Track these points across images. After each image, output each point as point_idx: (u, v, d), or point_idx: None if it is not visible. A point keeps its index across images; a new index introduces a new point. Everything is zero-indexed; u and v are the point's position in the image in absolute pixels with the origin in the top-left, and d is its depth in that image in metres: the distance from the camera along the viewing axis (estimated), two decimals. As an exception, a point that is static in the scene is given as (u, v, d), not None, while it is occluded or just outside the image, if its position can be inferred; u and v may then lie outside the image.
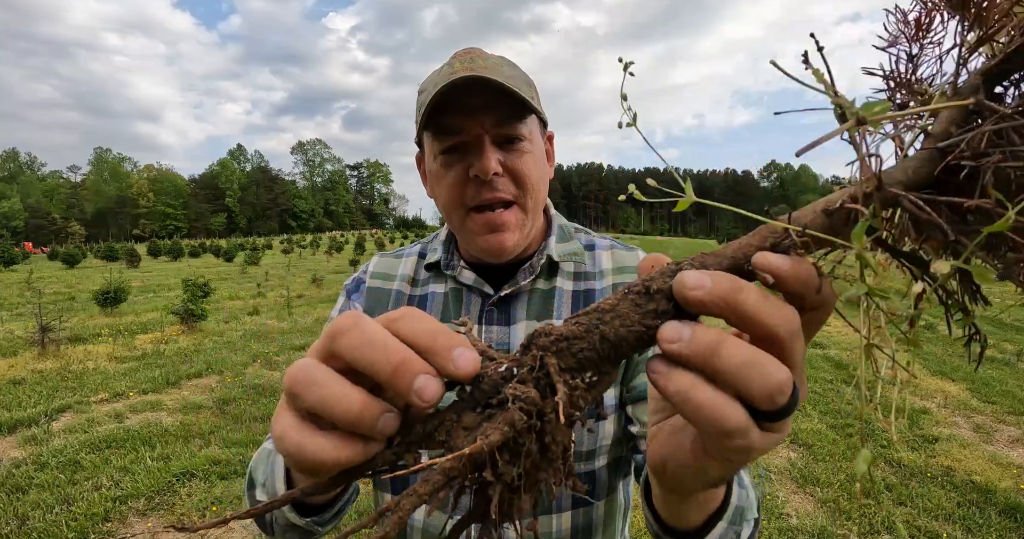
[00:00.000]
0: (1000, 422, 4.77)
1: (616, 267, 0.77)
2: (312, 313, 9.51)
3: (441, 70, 0.67)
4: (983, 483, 3.55)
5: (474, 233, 0.68)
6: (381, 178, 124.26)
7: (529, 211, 0.70)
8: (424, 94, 0.68)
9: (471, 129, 0.64)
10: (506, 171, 0.66)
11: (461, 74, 0.62)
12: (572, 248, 0.78)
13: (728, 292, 0.25)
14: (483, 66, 0.64)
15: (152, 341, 7.08)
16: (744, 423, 0.26)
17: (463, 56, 0.69)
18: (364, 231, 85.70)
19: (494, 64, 0.66)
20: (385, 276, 0.80)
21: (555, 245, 0.76)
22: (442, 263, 0.77)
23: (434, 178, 0.70)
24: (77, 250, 22.44)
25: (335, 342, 0.28)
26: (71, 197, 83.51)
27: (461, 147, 0.66)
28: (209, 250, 31.26)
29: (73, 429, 4.13)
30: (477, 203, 0.66)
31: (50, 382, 5.26)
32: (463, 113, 0.62)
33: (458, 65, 0.65)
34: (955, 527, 3.04)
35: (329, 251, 30.64)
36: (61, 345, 6.47)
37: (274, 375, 5.67)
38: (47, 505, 3.01)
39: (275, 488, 0.48)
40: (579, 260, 0.77)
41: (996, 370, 6.63)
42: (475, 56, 0.68)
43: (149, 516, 2.99)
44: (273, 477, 0.49)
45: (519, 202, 0.68)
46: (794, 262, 0.26)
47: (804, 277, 0.26)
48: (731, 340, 0.26)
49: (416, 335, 0.28)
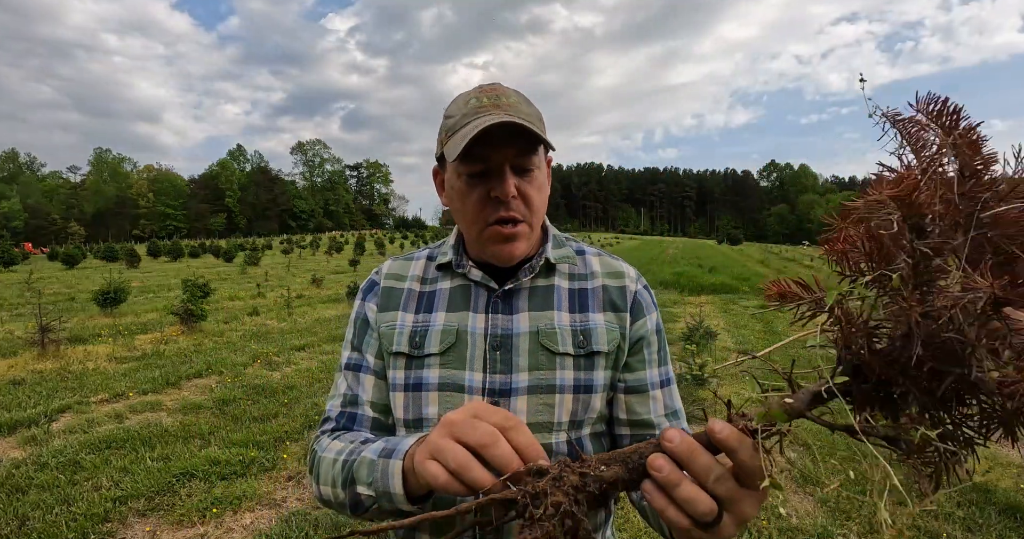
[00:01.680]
0: (1000, 422, 4.77)
1: (606, 272, 0.90)
2: (312, 313, 9.51)
3: (469, 101, 0.79)
4: (983, 483, 3.56)
5: (491, 242, 0.82)
6: (381, 178, 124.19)
7: (533, 226, 0.84)
8: (452, 120, 0.80)
9: (495, 158, 0.77)
10: (520, 194, 0.79)
11: (492, 113, 0.75)
12: (565, 253, 0.91)
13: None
14: (507, 104, 0.78)
15: (152, 341, 7.08)
16: (688, 524, 0.47)
17: (489, 92, 0.80)
18: (364, 231, 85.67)
19: (515, 103, 0.79)
20: (397, 277, 0.91)
21: (551, 250, 0.89)
22: (453, 263, 0.88)
23: (458, 194, 0.82)
24: (77, 250, 22.41)
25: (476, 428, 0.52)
26: (71, 197, 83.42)
27: (485, 172, 0.78)
28: (209, 250, 31.24)
29: (73, 429, 4.13)
30: (495, 219, 0.79)
31: (50, 382, 5.26)
32: (490, 145, 0.75)
33: (486, 101, 0.78)
34: (955, 527, 3.04)
35: (329, 251, 30.65)
36: (61, 345, 6.47)
37: (274, 375, 5.67)
38: (47, 505, 3.01)
39: (389, 488, 0.63)
40: (572, 262, 0.90)
41: (996, 370, 6.64)
42: (500, 93, 0.80)
43: (149, 516, 2.99)
44: (388, 482, 0.64)
45: (527, 220, 0.81)
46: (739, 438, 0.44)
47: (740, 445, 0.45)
48: (685, 481, 0.46)
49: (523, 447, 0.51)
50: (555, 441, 0.79)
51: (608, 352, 0.82)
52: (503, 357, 0.81)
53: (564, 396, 0.79)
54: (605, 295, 0.87)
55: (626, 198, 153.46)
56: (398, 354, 0.83)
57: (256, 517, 3.02)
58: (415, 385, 0.82)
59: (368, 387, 0.85)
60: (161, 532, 2.85)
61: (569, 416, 0.80)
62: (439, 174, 0.89)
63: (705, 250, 38.25)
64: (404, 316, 0.85)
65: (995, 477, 3.67)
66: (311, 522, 2.93)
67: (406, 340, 0.83)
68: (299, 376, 5.62)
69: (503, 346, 0.81)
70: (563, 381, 0.80)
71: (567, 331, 0.82)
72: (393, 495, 0.63)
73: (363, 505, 0.69)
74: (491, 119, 0.73)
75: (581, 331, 0.82)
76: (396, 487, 0.63)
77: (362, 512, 0.70)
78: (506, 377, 0.79)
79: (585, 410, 0.81)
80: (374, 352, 0.86)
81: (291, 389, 5.18)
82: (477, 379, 0.80)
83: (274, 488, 3.33)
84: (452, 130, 0.78)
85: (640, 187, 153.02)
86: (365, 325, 0.88)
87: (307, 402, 4.80)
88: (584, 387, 0.80)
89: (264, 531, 2.86)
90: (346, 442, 0.76)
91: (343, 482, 0.70)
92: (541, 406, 0.79)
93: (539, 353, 0.80)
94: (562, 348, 0.80)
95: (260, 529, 2.89)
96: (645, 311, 0.88)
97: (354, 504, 0.70)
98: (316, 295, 12.00)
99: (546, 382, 0.79)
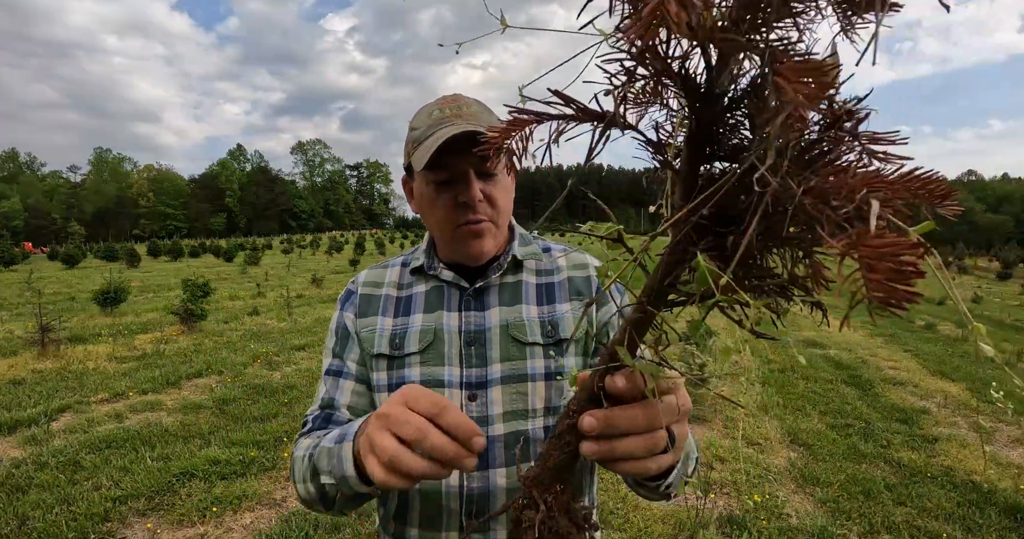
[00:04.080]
0: (1000, 422, 4.77)
1: (571, 265, 0.95)
2: (312, 313, 9.51)
3: (432, 113, 0.84)
4: (983, 483, 3.56)
5: (460, 242, 0.86)
6: (381, 178, 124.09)
7: (499, 226, 0.89)
8: (417, 131, 0.84)
9: (460, 165, 0.81)
10: (485, 197, 0.84)
11: (453, 122, 0.80)
12: (532, 250, 0.96)
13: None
14: (468, 113, 0.83)
15: (152, 341, 7.07)
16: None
17: (451, 102, 0.86)
18: (364, 231, 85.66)
19: (476, 112, 0.84)
20: (375, 284, 0.95)
21: (518, 248, 0.94)
22: (425, 266, 0.92)
23: (427, 201, 0.87)
24: (77, 250, 22.41)
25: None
26: (71, 197, 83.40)
27: (451, 179, 0.83)
28: (209, 250, 31.23)
29: (73, 429, 4.13)
30: (464, 221, 0.84)
31: (50, 382, 5.26)
32: (454, 153, 0.79)
33: (448, 111, 0.83)
34: (955, 527, 3.04)
35: (329, 251, 30.63)
36: (61, 345, 6.47)
37: (274, 375, 5.67)
38: (47, 505, 3.01)
39: (343, 472, 0.65)
40: (538, 258, 0.95)
41: (996, 370, 6.63)
42: (461, 104, 0.85)
43: (149, 516, 2.99)
44: (342, 466, 0.65)
45: (492, 220, 0.86)
46: (627, 380, 0.44)
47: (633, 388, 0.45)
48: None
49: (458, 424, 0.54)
50: (531, 427, 0.82)
51: (577, 340, 0.87)
52: (477, 351, 0.85)
53: (536, 384, 0.83)
54: (571, 286, 0.91)
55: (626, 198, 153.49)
56: (380, 356, 0.87)
57: (256, 517, 3.02)
58: (398, 384, 0.84)
59: (347, 391, 0.87)
60: (161, 532, 2.85)
61: (543, 403, 0.83)
62: (408, 183, 0.94)
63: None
64: (383, 320, 0.89)
65: (995, 477, 3.67)
66: (311, 522, 2.93)
67: (387, 342, 0.87)
68: (299, 376, 5.62)
69: (477, 341, 0.85)
70: (534, 370, 0.84)
71: (535, 323, 0.86)
72: (347, 478, 0.65)
73: (328, 496, 0.71)
74: (453, 129, 0.78)
75: (549, 321, 0.87)
76: (349, 470, 0.65)
77: (331, 505, 0.73)
78: (481, 370, 0.83)
79: (559, 396, 0.84)
80: (355, 358, 0.89)
81: (291, 389, 5.18)
82: (455, 374, 0.84)
83: (274, 488, 3.33)
84: (418, 141, 0.83)
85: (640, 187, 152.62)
86: (345, 333, 0.91)
87: (307, 402, 4.79)
88: (555, 374, 0.84)
89: (264, 531, 2.87)
90: (313, 437, 0.78)
91: (311, 475, 0.73)
92: (515, 395, 0.82)
93: (510, 345, 0.84)
94: (531, 338, 0.85)
95: (260, 529, 2.89)
96: (608, 297, 0.91)
97: (321, 495, 0.72)
98: (316, 295, 12.00)
99: (518, 372, 0.83)
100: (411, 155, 0.85)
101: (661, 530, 2.92)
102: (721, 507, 3.19)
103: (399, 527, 0.85)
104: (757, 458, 3.85)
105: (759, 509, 3.16)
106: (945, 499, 3.35)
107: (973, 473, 3.71)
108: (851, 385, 5.78)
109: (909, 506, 3.26)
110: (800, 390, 5.46)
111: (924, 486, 3.52)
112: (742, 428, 4.33)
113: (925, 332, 9.31)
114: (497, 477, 0.81)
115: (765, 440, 4.17)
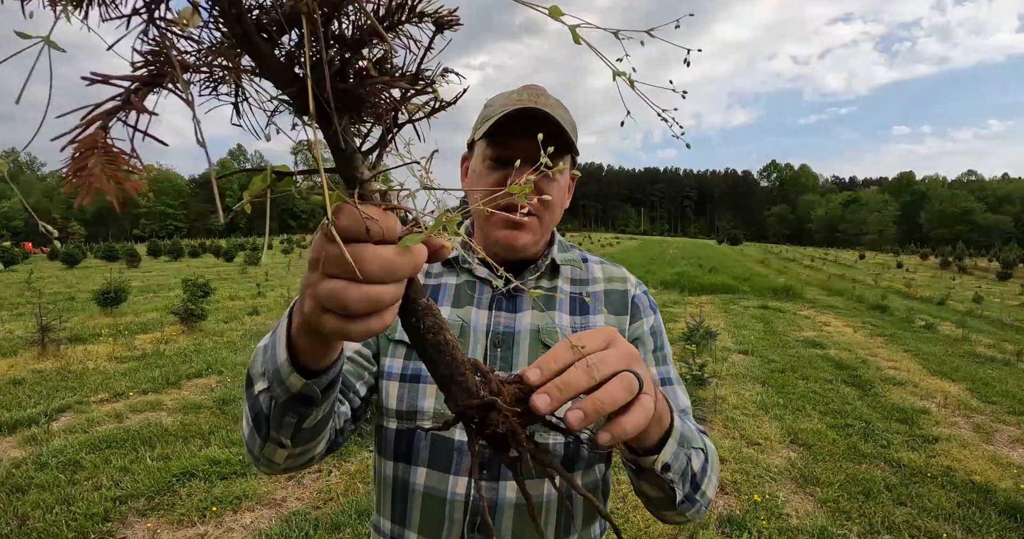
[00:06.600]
0: (1000, 422, 4.77)
1: (606, 277, 0.94)
2: (312, 313, 9.50)
3: (510, 96, 0.84)
4: (983, 483, 3.56)
5: (496, 227, 0.84)
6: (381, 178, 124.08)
7: (544, 224, 0.86)
8: (490, 109, 0.84)
9: (522, 148, 0.79)
10: (537, 190, 0.79)
11: (528, 104, 0.78)
12: (571, 257, 0.95)
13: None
14: (545, 103, 0.81)
15: (152, 341, 7.07)
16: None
17: (531, 90, 0.85)
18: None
19: (553, 104, 0.83)
20: None
21: (557, 253, 0.92)
22: (460, 258, 0.90)
23: (477, 175, 0.85)
24: (77, 250, 22.40)
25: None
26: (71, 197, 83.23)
27: (508, 160, 0.81)
28: (209, 250, 31.23)
29: (73, 429, 4.13)
30: (506, 203, 0.76)
31: (50, 382, 5.26)
32: (519, 135, 0.77)
33: (526, 96, 0.82)
34: (955, 527, 3.04)
35: (329, 251, 30.55)
36: (61, 345, 6.46)
37: (274, 375, 5.67)
38: (47, 505, 3.01)
39: (276, 360, 0.56)
40: (577, 266, 0.94)
41: (996, 370, 6.64)
42: (540, 93, 0.84)
43: (149, 516, 2.99)
44: (275, 352, 0.56)
45: (538, 214, 0.84)
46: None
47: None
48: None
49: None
50: (551, 443, 0.78)
51: None
52: (503, 354, 0.81)
53: None
54: (606, 299, 0.90)
55: (626, 198, 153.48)
56: (399, 342, 0.83)
57: (256, 517, 3.02)
58: (413, 376, 0.81)
59: (348, 346, 0.81)
60: (161, 531, 2.85)
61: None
62: (467, 160, 0.93)
63: (705, 250, 38.23)
64: None
65: (995, 477, 3.67)
66: (311, 522, 2.93)
67: None
68: (299, 376, 5.61)
69: (504, 343, 0.82)
70: None
71: (568, 332, 0.83)
72: (280, 369, 0.55)
73: (261, 415, 0.62)
74: (524, 105, 0.78)
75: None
76: (281, 353, 0.54)
77: (265, 432, 0.64)
78: (506, 374, 0.79)
79: None
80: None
81: (291, 389, 5.18)
82: None
83: (274, 488, 3.33)
84: (488, 117, 0.82)
85: (640, 187, 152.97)
86: None
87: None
88: None
89: (264, 531, 2.87)
90: None
91: (246, 396, 0.65)
92: None
93: (540, 351, 0.80)
94: None
95: (260, 529, 2.89)
96: (643, 314, 0.90)
97: (255, 418, 0.63)
98: (316, 295, 11.99)
99: None
100: (477, 130, 0.85)
101: (661, 530, 2.92)
102: (721, 507, 3.19)
103: (397, 528, 0.82)
104: (757, 458, 3.85)
105: (759, 509, 3.16)
106: (945, 499, 3.35)
107: (973, 473, 3.71)
108: (851, 385, 5.78)
109: (909, 506, 3.26)
110: (800, 390, 5.46)
111: (924, 486, 3.52)
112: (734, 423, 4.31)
113: (925, 332, 9.31)
114: (507, 490, 0.76)
115: (765, 440, 4.17)
